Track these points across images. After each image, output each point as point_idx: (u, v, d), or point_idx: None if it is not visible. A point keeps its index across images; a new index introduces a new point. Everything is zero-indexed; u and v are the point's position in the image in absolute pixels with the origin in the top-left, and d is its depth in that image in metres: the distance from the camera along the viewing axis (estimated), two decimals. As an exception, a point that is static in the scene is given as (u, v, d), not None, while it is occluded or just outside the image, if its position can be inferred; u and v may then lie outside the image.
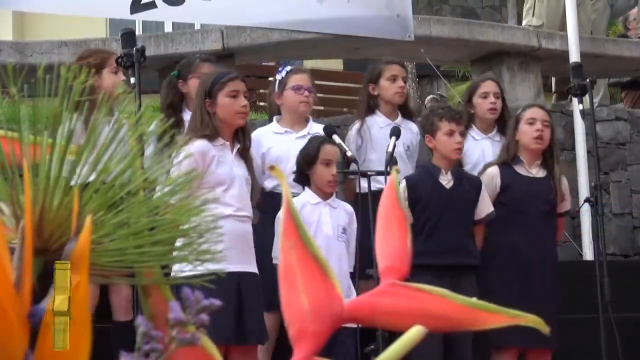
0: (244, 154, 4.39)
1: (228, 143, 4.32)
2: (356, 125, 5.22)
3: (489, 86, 5.36)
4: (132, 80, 4.48)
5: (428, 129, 4.81)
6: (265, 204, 4.57)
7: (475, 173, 5.13)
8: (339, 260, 4.48)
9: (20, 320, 1.10)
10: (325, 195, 4.61)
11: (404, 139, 5.12)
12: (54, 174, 1.17)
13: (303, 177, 4.64)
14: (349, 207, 4.63)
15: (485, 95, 5.31)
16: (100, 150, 1.21)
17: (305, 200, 4.58)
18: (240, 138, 4.38)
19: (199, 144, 4.20)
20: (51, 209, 1.16)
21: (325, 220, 4.57)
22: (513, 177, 4.95)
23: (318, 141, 4.64)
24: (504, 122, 5.33)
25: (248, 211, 4.30)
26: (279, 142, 4.93)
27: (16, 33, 14.76)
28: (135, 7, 5.92)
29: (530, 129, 4.97)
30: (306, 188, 4.64)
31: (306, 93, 5.01)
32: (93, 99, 1.24)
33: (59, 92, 1.20)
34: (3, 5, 6.85)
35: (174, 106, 4.94)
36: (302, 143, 4.89)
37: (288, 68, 5.15)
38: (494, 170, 4.97)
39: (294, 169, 4.68)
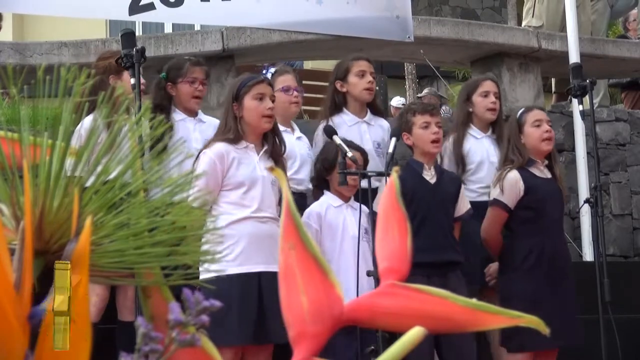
0: (275, 156, 4.42)
1: (253, 145, 4.37)
2: (322, 125, 5.09)
3: (489, 86, 5.35)
4: (132, 81, 4.49)
5: (404, 127, 4.78)
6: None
7: (482, 172, 5.14)
8: (365, 260, 4.49)
9: (20, 321, 1.10)
10: (345, 198, 4.65)
11: (374, 135, 5.11)
12: (54, 175, 1.17)
13: (322, 182, 4.69)
14: (366, 209, 4.64)
15: (485, 94, 5.30)
16: (100, 151, 1.21)
17: (328, 203, 4.63)
18: (270, 140, 4.42)
19: (217, 147, 4.31)
20: (51, 210, 1.16)
21: (350, 222, 4.59)
22: (533, 180, 4.92)
23: (335, 146, 4.66)
24: (496, 123, 5.34)
25: (271, 212, 4.33)
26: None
27: (16, 34, 14.77)
28: (134, 8, 5.93)
29: (539, 131, 4.95)
30: (326, 191, 4.68)
31: (295, 93, 5.04)
32: (113, 99, 1.24)
33: (59, 93, 1.20)
34: (3, 8, 6.85)
35: (162, 107, 4.89)
36: (301, 144, 4.99)
37: (272, 69, 5.18)
38: (516, 174, 4.90)
39: (302, 166, 4.77)
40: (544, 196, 4.91)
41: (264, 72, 5.23)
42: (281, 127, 4.98)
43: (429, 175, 4.75)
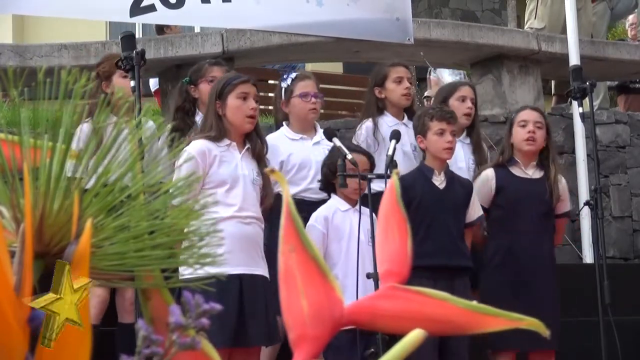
0: (257, 156, 4.41)
1: (235, 144, 4.35)
2: (367, 124, 5.17)
3: (467, 91, 5.40)
4: (132, 83, 4.49)
5: (420, 130, 4.83)
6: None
7: None
8: (371, 264, 4.49)
9: (20, 324, 1.10)
10: (351, 202, 4.64)
11: (411, 138, 5.13)
12: (54, 177, 1.18)
13: (329, 185, 4.69)
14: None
15: (462, 99, 5.33)
16: (100, 153, 1.21)
17: (335, 207, 4.62)
18: (254, 139, 4.41)
19: (198, 145, 4.26)
20: (51, 212, 1.16)
21: (356, 225, 4.58)
22: (508, 179, 4.98)
23: (336, 148, 4.66)
24: (471, 127, 5.39)
25: (254, 212, 4.31)
26: (298, 149, 4.96)
27: (16, 36, 14.78)
28: (135, 10, 5.93)
29: (522, 131, 5.02)
30: (333, 195, 4.68)
31: (313, 100, 5.03)
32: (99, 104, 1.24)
33: (59, 95, 1.20)
34: (3, 10, 6.85)
35: (185, 110, 5.04)
36: (319, 149, 4.93)
37: (293, 75, 5.16)
38: (489, 172, 5.02)
39: (317, 174, 4.75)
40: (518, 196, 4.94)
41: (285, 77, 5.21)
42: (297, 135, 4.99)
43: (439, 181, 4.78)
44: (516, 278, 4.81)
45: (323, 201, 4.75)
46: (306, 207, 4.61)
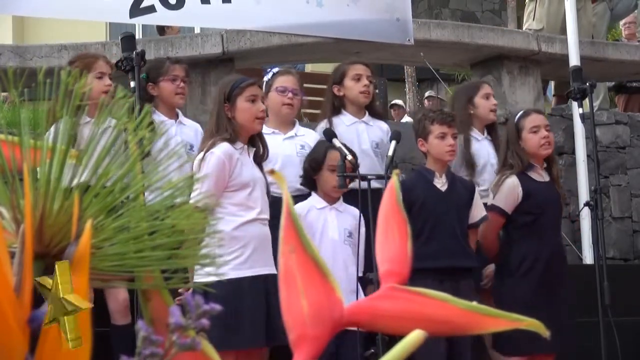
0: (258, 160, 4.42)
1: (246, 147, 4.36)
2: (321, 125, 5.14)
3: (489, 88, 5.43)
4: (132, 84, 4.49)
5: (420, 133, 4.81)
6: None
7: (486, 173, 5.15)
8: (345, 264, 4.49)
9: (20, 324, 1.10)
10: (331, 200, 4.64)
11: (373, 136, 5.11)
12: (54, 178, 1.17)
13: (310, 182, 4.68)
14: (355, 211, 4.62)
15: (487, 97, 5.34)
16: (100, 154, 1.21)
17: (311, 205, 4.62)
18: (257, 142, 4.41)
19: (225, 147, 4.24)
20: (51, 213, 1.16)
21: (331, 224, 4.59)
22: (532, 185, 4.94)
23: (324, 147, 4.67)
24: (492, 125, 5.42)
25: (267, 214, 4.33)
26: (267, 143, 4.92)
27: (16, 36, 14.79)
28: (135, 11, 5.93)
29: (537, 137, 4.97)
30: (312, 193, 4.68)
31: (290, 95, 4.99)
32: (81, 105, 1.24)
33: (59, 96, 1.20)
34: (3, 10, 6.85)
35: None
36: (290, 144, 4.90)
37: (275, 69, 5.13)
38: (514, 180, 4.93)
39: (283, 168, 4.73)
40: (543, 201, 4.93)
41: (267, 71, 5.19)
42: (270, 130, 4.96)
43: (440, 183, 4.77)
44: (543, 284, 4.78)
45: (292, 197, 4.70)
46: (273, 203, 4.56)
